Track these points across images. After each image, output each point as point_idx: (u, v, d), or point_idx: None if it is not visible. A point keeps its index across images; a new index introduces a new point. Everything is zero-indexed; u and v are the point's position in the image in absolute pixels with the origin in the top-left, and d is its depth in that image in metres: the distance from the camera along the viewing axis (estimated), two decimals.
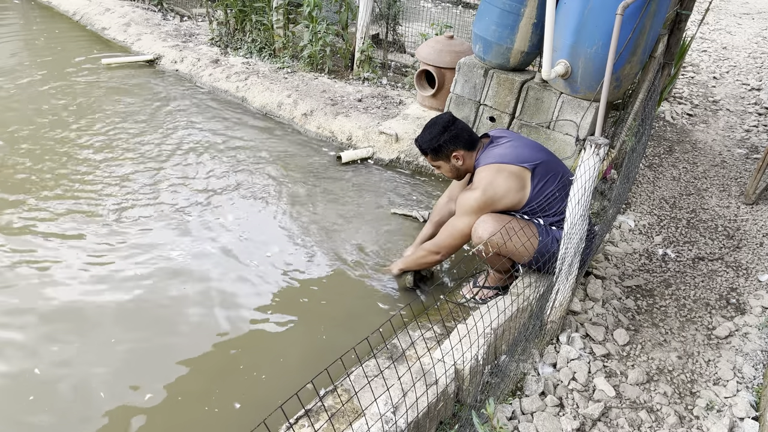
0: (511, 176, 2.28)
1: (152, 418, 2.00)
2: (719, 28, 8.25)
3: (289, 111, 4.39)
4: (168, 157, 3.70)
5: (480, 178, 2.31)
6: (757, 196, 3.63)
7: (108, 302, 2.47)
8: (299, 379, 2.14)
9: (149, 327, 2.38)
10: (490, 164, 2.32)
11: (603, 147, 1.88)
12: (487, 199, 2.27)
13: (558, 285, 2.19)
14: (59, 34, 5.97)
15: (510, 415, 1.99)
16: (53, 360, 2.18)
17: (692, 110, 5.22)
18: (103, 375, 2.14)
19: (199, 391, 2.10)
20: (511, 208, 2.30)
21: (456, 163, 2.41)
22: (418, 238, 2.83)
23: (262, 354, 2.29)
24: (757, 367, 2.29)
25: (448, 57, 4.02)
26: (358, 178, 3.68)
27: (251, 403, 2.07)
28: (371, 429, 1.58)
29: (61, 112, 4.16)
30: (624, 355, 2.33)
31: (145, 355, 2.25)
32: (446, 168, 2.46)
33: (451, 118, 2.40)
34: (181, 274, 2.67)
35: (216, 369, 2.20)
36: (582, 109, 3.29)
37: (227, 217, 3.13)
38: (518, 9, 3.30)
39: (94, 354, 2.22)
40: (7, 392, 2.05)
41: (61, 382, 2.10)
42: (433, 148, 2.38)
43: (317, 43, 4.84)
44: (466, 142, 2.38)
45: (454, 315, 2.49)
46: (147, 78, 5.00)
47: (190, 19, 6.47)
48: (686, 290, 2.80)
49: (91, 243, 2.81)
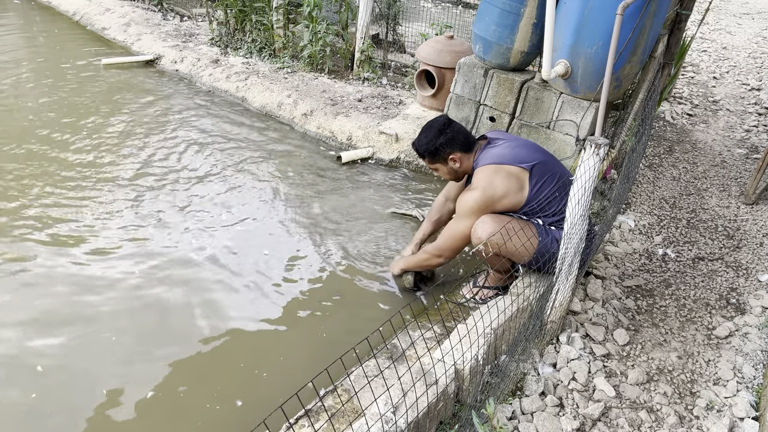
0: (510, 176, 2.28)
1: (153, 413, 2.01)
2: (719, 28, 8.25)
3: (289, 111, 4.39)
4: (166, 156, 3.69)
5: (479, 179, 2.31)
6: (757, 196, 3.63)
7: (108, 300, 2.47)
8: (299, 378, 2.15)
9: (149, 326, 2.38)
10: (488, 165, 2.32)
11: (603, 147, 1.88)
12: (487, 199, 2.27)
13: (558, 285, 2.19)
14: (59, 34, 5.97)
15: (510, 415, 1.99)
16: (55, 354, 2.20)
17: (692, 110, 5.22)
18: (103, 371, 2.14)
19: (200, 389, 2.10)
20: (510, 209, 2.31)
21: (453, 165, 2.42)
22: (416, 236, 2.85)
23: (262, 353, 2.29)
24: (757, 367, 2.29)
25: (448, 57, 4.02)
26: (358, 178, 3.68)
27: (251, 403, 2.07)
28: (371, 429, 1.58)
29: (60, 112, 4.16)
30: (624, 355, 2.33)
31: (145, 352, 2.25)
32: (444, 170, 2.48)
33: (447, 121, 2.41)
34: (179, 274, 2.67)
35: (216, 368, 2.21)
36: (582, 109, 3.29)
37: (227, 216, 3.14)
38: (518, 9, 3.30)
39: (94, 350, 2.23)
40: (9, 391, 2.06)
41: (63, 378, 2.11)
42: (430, 151, 2.39)
43: (317, 43, 4.84)
44: (462, 144, 2.38)
45: (454, 315, 2.49)
46: (147, 78, 5.00)
47: (190, 19, 6.47)
48: (686, 290, 2.80)
49: (94, 239, 2.82)
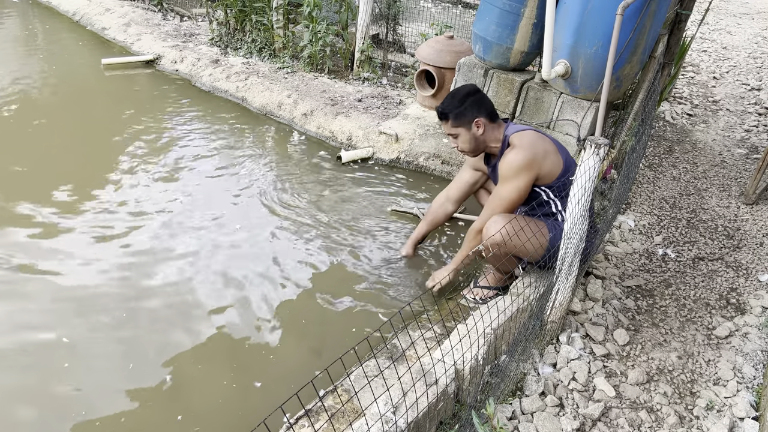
0: (547, 141, 2.31)
1: (155, 403, 2.03)
2: (719, 28, 8.25)
3: (289, 111, 4.39)
4: (165, 156, 3.69)
5: (519, 141, 2.28)
6: (757, 196, 3.63)
7: (110, 293, 2.49)
8: (299, 378, 2.15)
9: (148, 326, 2.38)
10: (526, 130, 2.31)
11: (603, 147, 1.88)
12: (534, 155, 2.23)
13: (558, 285, 2.19)
14: (59, 34, 5.97)
15: (510, 415, 1.99)
16: (81, 334, 2.30)
17: (692, 110, 5.22)
18: (105, 365, 2.15)
19: (200, 388, 2.10)
20: (552, 173, 2.29)
21: (476, 131, 2.32)
22: (411, 237, 2.87)
23: (262, 353, 2.29)
24: (757, 367, 2.29)
25: (448, 57, 4.02)
26: (358, 177, 3.68)
27: (251, 403, 2.07)
28: (371, 429, 1.58)
29: (59, 112, 4.16)
30: (624, 355, 2.33)
31: (144, 350, 2.25)
32: (465, 138, 2.36)
33: (475, 88, 2.36)
34: (177, 273, 2.67)
35: (216, 367, 2.21)
36: (582, 109, 3.29)
37: (226, 216, 3.13)
38: (518, 9, 3.30)
39: (93, 346, 2.24)
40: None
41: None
42: (456, 112, 2.31)
43: (317, 43, 4.84)
44: (489, 111, 2.34)
45: (454, 315, 2.49)
46: (146, 78, 5.00)
47: (190, 19, 6.47)
48: (686, 290, 2.80)
49: (96, 238, 2.82)
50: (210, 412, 2.03)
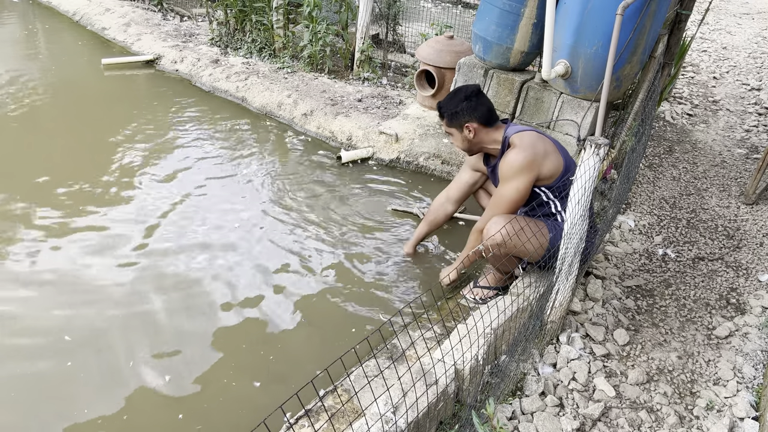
0: (547, 141, 2.32)
1: (156, 402, 2.02)
2: (719, 28, 8.24)
3: (289, 111, 4.39)
4: (165, 156, 3.69)
5: (519, 141, 2.29)
6: (757, 196, 3.63)
7: (109, 293, 2.48)
8: (299, 378, 2.15)
9: (148, 325, 2.38)
10: (526, 131, 2.32)
11: (603, 147, 1.88)
12: (534, 156, 2.24)
13: (558, 285, 2.19)
14: (59, 34, 5.97)
15: (510, 415, 1.99)
16: (82, 328, 2.34)
17: (692, 110, 5.22)
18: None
19: (201, 388, 2.10)
20: (553, 173, 2.29)
21: (467, 134, 2.37)
22: (412, 237, 2.86)
23: (261, 353, 2.29)
24: (757, 367, 2.29)
25: (448, 57, 4.02)
26: (358, 177, 3.68)
27: (252, 403, 2.07)
28: (371, 429, 1.58)
29: (58, 112, 4.16)
30: (624, 355, 2.33)
31: (144, 350, 2.25)
32: (457, 138, 2.42)
33: (477, 90, 2.37)
34: (176, 274, 2.67)
35: (217, 367, 2.21)
36: (582, 109, 3.29)
37: (227, 216, 3.14)
38: (518, 9, 3.30)
39: (93, 345, 2.24)
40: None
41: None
42: (450, 113, 2.36)
43: (317, 43, 4.84)
44: (483, 116, 2.35)
45: (454, 315, 2.49)
46: (146, 78, 5.00)
47: (190, 19, 6.47)
48: (686, 290, 2.80)
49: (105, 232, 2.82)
50: (210, 412, 2.03)
